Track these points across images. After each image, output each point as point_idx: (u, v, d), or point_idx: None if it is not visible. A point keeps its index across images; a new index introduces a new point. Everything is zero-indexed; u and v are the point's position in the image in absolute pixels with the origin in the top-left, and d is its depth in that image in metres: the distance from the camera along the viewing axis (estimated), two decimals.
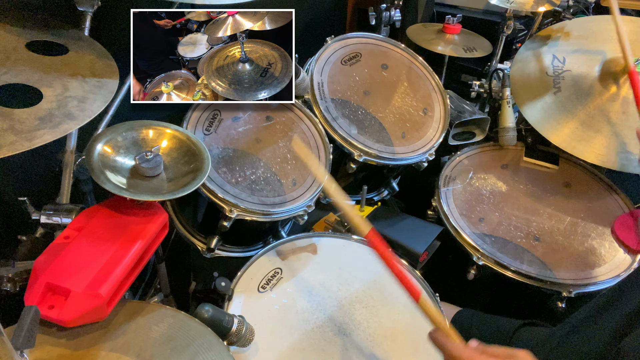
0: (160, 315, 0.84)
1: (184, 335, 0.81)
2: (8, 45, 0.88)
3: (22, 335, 0.60)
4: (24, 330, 0.60)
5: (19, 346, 0.60)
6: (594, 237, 1.39)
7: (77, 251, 0.82)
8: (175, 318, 0.84)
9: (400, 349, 1.02)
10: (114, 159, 0.92)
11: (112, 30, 1.18)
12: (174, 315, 0.85)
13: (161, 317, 0.84)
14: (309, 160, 1.11)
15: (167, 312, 0.85)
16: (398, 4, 1.78)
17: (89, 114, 0.83)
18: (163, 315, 0.84)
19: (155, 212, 0.92)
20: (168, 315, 0.84)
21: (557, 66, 1.56)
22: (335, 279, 1.14)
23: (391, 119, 1.49)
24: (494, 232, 1.40)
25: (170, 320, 0.83)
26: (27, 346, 0.61)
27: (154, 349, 0.78)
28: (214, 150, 1.19)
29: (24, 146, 0.72)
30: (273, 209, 1.18)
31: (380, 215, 1.43)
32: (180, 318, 0.84)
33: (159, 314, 0.84)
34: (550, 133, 1.45)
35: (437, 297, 1.13)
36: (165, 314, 0.85)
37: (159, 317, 0.84)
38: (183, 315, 0.85)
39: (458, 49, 1.72)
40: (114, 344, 0.78)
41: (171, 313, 0.85)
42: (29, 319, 0.61)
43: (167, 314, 0.85)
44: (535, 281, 1.26)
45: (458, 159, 1.60)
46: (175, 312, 0.86)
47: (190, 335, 0.81)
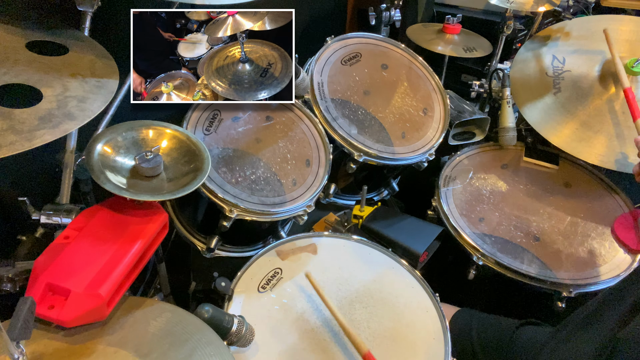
0: (158, 310, 0.84)
1: (182, 330, 0.81)
2: (8, 45, 0.88)
3: (18, 327, 0.59)
4: (20, 321, 0.60)
5: (15, 337, 0.59)
6: (594, 237, 1.39)
7: (77, 251, 0.82)
8: (173, 313, 0.84)
9: (400, 349, 1.02)
10: (114, 159, 0.92)
11: (112, 30, 1.18)
12: (173, 310, 0.85)
13: (159, 312, 0.83)
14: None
15: (165, 307, 0.85)
16: (398, 4, 1.78)
17: (89, 114, 0.83)
18: (161, 310, 0.84)
19: (155, 212, 0.92)
20: (166, 310, 0.84)
21: (557, 66, 1.56)
22: (335, 279, 1.14)
23: (391, 119, 1.49)
24: (494, 232, 1.40)
25: (168, 315, 0.83)
26: (23, 337, 0.60)
27: (151, 343, 0.78)
28: (214, 150, 1.19)
29: (24, 146, 0.72)
30: (273, 209, 1.18)
31: (380, 215, 1.43)
32: (179, 313, 0.84)
33: (157, 309, 0.84)
34: (550, 133, 1.45)
35: (437, 297, 1.13)
36: (164, 308, 0.84)
37: (157, 312, 0.83)
38: (181, 310, 0.85)
39: (458, 49, 1.72)
40: (111, 338, 0.78)
41: (169, 308, 0.85)
42: (25, 310, 0.61)
43: (165, 309, 0.84)
44: (535, 281, 1.26)
45: (458, 159, 1.60)
46: (173, 307, 0.85)
47: (188, 330, 0.81)
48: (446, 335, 1.05)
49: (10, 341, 0.59)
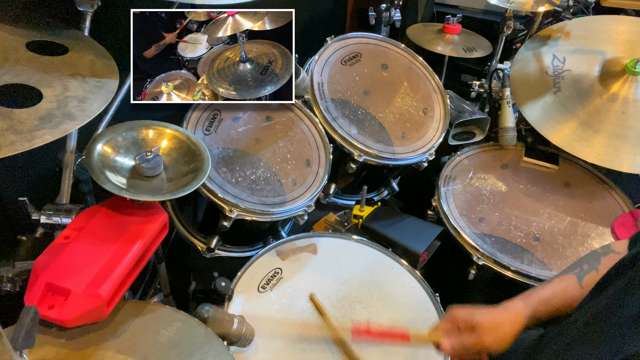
0: (169, 318, 0.83)
1: (191, 341, 0.80)
2: (8, 45, 0.88)
3: (21, 336, 0.60)
4: (23, 330, 0.60)
5: (18, 346, 0.60)
6: (594, 237, 1.39)
7: (77, 251, 0.82)
8: (184, 323, 0.83)
9: (400, 348, 1.02)
10: (114, 159, 0.92)
11: (112, 30, 1.18)
12: (184, 319, 0.83)
13: (170, 321, 0.82)
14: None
15: (177, 316, 0.84)
16: (398, 4, 1.78)
17: (89, 114, 0.83)
18: (172, 318, 0.83)
19: (155, 212, 0.92)
20: (177, 319, 0.83)
21: (557, 66, 1.56)
22: (335, 279, 1.14)
23: (391, 119, 1.49)
24: (494, 232, 1.40)
25: (179, 324, 0.82)
26: (26, 346, 0.61)
27: (160, 353, 0.77)
28: (214, 150, 1.19)
29: (24, 146, 0.72)
30: (273, 209, 1.18)
31: (380, 215, 1.43)
32: (190, 323, 0.83)
33: (169, 317, 0.83)
34: (550, 133, 1.45)
35: (437, 297, 1.13)
36: (175, 317, 0.83)
37: (168, 321, 0.82)
38: (193, 320, 0.84)
39: (458, 49, 1.72)
40: (121, 345, 0.78)
41: (181, 317, 0.84)
42: (28, 319, 0.61)
43: (176, 318, 0.83)
44: (535, 281, 1.26)
45: (458, 159, 1.60)
46: (184, 317, 0.84)
47: (197, 341, 0.80)
48: None
49: (13, 351, 0.59)
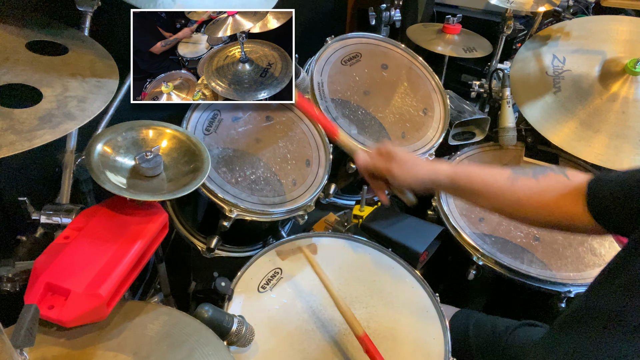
0: (154, 313, 0.85)
1: (179, 332, 0.81)
2: (8, 45, 0.88)
3: (21, 334, 0.60)
4: (24, 328, 0.60)
5: (19, 344, 0.60)
6: (594, 237, 1.39)
7: (77, 251, 0.82)
8: (169, 315, 0.84)
9: (400, 349, 1.02)
10: (114, 159, 0.92)
11: (112, 30, 1.18)
12: (168, 312, 0.85)
13: (155, 315, 0.84)
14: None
15: (161, 310, 0.86)
16: (398, 4, 1.78)
17: (89, 114, 0.83)
18: (157, 313, 0.85)
19: (155, 212, 0.92)
20: (162, 313, 0.85)
21: (557, 66, 1.56)
22: (335, 279, 1.14)
23: (391, 119, 1.49)
24: (494, 232, 1.40)
25: (164, 317, 0.84)
26: (26, 344, 0.61)
27: (150, 346, 0.78)
28: (214, 150, 1.19)
29: (24, 146, 0.72)
30: (273, 209, 1.18)
31: (380, 215, 1.43)
32: (175, 315, 0.85)
33: (153, 313, 0.85)
34: (550, 133, 1.45)
35: (437, 297, 1.13)
36: (160, 311, 0.85)
37: (153, 316, 0.84)
38: (177, 313, 0.85)
39: (458, 49, 1.72)
40: (110, 343, 0.79)
41: (165, 311, 0.86)
42: (29, 317, 0.61)
43: (161, 312, 0.85)
44: (535, 281, 1.26)
45: (458, 159, 1.60)
46: (169, 310, 0.86)
47: (186, 331, 0.82)
48: (446, 335, 1.05)
49: (14, 348, 0.59)
